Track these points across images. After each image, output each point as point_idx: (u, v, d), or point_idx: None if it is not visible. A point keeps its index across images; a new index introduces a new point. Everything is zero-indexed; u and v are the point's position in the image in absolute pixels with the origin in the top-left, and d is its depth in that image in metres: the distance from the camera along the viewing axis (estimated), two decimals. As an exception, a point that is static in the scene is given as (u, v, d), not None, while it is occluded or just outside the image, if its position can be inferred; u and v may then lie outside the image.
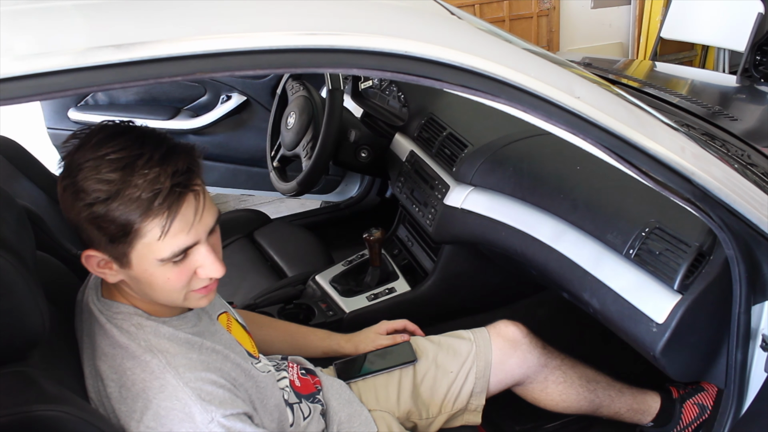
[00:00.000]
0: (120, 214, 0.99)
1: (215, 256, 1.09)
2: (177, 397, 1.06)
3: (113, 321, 1.12)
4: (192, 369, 1.09)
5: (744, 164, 1.59)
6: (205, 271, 1.09)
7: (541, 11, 4.61)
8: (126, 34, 0.81)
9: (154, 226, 1.00)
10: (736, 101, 2.68)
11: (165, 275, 1.06)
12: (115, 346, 1.10)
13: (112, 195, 0.98)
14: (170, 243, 1.02)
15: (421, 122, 2.21)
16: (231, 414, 1.09)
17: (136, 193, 0.98)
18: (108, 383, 1.09)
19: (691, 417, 1.80)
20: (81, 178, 0.99)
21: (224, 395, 1.10)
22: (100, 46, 0.79)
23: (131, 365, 1.08)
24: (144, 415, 1.06)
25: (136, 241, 1.02)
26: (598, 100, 1.11)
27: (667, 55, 4.71)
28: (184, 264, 1.07)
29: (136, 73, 0.82)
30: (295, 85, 2.39)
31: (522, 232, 1.69)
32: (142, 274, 1.06)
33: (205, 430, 1.06)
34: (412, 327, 1.74)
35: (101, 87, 0.82)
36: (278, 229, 2.62)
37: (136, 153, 0.99)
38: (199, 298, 1.14)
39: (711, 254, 1.37)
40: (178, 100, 3.06)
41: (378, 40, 0.94)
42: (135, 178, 0.98)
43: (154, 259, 1.03)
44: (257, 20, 0.91)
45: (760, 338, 1.37)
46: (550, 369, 1.72)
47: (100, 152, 0.99)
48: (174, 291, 1.09)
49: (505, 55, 1.05)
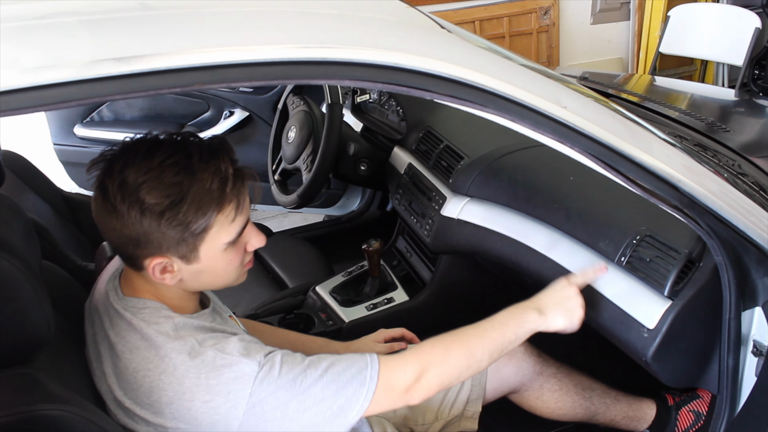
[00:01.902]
0: (195, 210, 1.07)
1: (258, 230, 1.20)
2: (221, 365, 1.09)
3: (140, 316, 1.15)
4: (222, 341, 1.13)
5: (734, 174, 1.62)
6: (253, 243, 1.20)
7: (541, 27, 4.64)
8: (127, 47, 0.85)
9: (228, 213, 1.10)
10: (734, 115, 2.70)
11: (228, 257, 1.16)
12: (146, 337, 1.13)
13: (184, 195, 1.05)
14: (236, 225, 1.13)
15: (419, 135, 2.24)
16: (269, 352, 1.14)
17: (206, 185, 1.06)
18: (145, 374, 1.11)
19: (686, 424, 1.81)
20: (145, 192, 1.05)
21: (253, 345, 1.15)
22: (102, 59, 0.83)
23: (166, 352, 1.11)
24: (195, 394, 1.09)
25: (207, 233, 1.10)
26: (584, 110, 1.14)
27: (666, 70, 4.74)
28: (239, 243, 1.17)
29: (136, 85, 0.86)
30: (295, 100, 2.43)
31: (517, 241, 1.72)
32: (209, 263, 1.14)
33: (258, 376, 1.09)
34: (409, 335, 1.76)
35: (103, 98, 0.86)
36: (280, 242, 2.65)
37: (185, 154, 1.06)
38: (245, 272, 1.25)
39: (700, 261, 1.40)
40: (182, 116, 3.09)
41: (369, 53, 0.98)
42: (199, 174, 1.06)
43: (222, 243, 1.12)
44: (253, 34, 0.95)
45: (751, 344, 1.39)
46: (546, 377, 1.74)
47: (154, 162, 1.05)
48: (234, 270, 1.20)
49: (493, 66, 1.09)
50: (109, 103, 2.99)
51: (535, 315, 1.38)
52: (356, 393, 1.15)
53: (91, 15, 0.88)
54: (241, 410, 1.08)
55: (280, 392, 1.10)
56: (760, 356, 1.36)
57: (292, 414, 1.11)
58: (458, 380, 1.30)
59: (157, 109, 3.07)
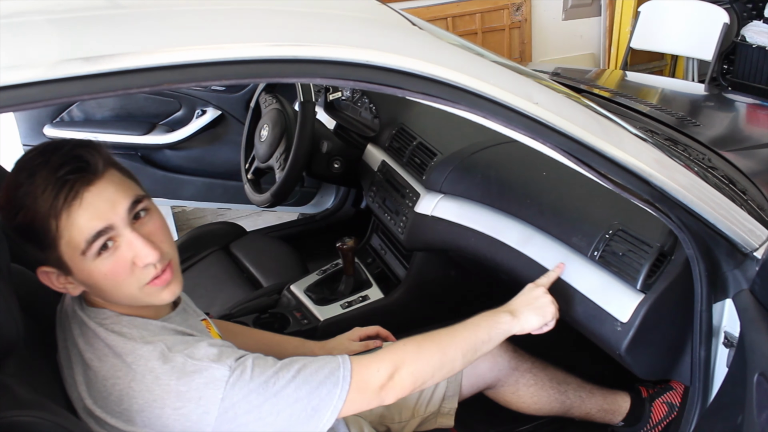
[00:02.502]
0: (33, 216, 1.04)
1: (145, 241, 1.10)
2: (192, 370, 1.08)
3: (104, 325, 1.13)
4: (192, 346, 1.11)
5: (705, 167, 1.64)
6: (140, 258, 1.09)
7: (513, 23, 4.65)
8: (95, 47, 0.84)
9: (62, 217, 1.04)
10: (704, 109, 2.73)
11: (100, 270, 1.08)
12: (112, 345, 1.11)
13: (25, 201, 1.04)
14: (78, 231, 1.05)
15: (392, 132, 2.24)
16: (240, 356, 1.12)
17: (39, 191, 1.03)
18: (114, 382, 1.09)
19: (660, 415, 1.83)
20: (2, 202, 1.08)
21: (225, 349, 1.13)
22: (70, 59, 0.82)
23: (134, 359, 1.09)
24: (166, 401, 1.07)
25: (59, 242, 1.06)
26: (556, 106, 1.15)
27: (637, 65, 4.78)
28: (116, 255, 1.09)
29: (105, 85, 0.85)
30: (268, 98, 2.42)
31: (491, 237, 1.73)
32: (82, 275, 1.09)
33: (229, 381, 1.08)
34: (384, 333, 1.75)
35: (71, 98, 0.85)
36: (254, 241, 2.63)
37: (38, 160, 1.05)
38: (159, 291, 1.15)
39: (672, 254, 1.41)
40: (153, 115, 3.06)
41: (340, 51, 0.97)
42: (36, 179, 1.03)
43: (77, 254, 1.06)
44: (224, 32, 0.94)
45: (722, 335, 1.40)
46: (521, 372, 1.75)
47: (12, 171, 1.07)
48: (122, 287, 1.11)
49: (465, 63, 1.09)
50: (79, 103, 2.94)
51: (507, 317, 1.41)
52: (330, 393, 1.14)
53: (59, 14, 0.87)
54: (213, 416, 1.07)
55: (252, 396, 1.09)
56: (731, 347, 1.38)
57: (266, 417, 1.10)
58: (432, 380, 1.30)
59: (128, 109, 3.04)
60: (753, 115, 2.69)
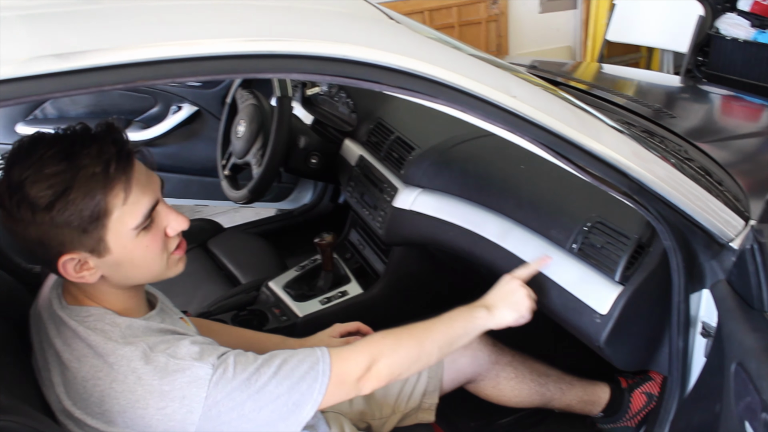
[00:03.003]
0: (83, 197, 1.02)
1: (175, 211, 1.16)
2: (174, 369, 1.07)
3: (85, 324, 1.11)
4: (173, 345, 1.10)
5: (681, 159, 1.65)
6: (173, 227, 1.15)
7: (490, 17, 4.67)
8: (68, 43, 0.83)
9: (118, 194, 1.05)
10: (680, 101, 2.75)
11: (143, 244, 1.11)
12: (92, 345, 1.09)
13: (68, 183, 1.01)
14: (137, 207, 1.08)
15: (370, 127, 2.23)
16: (222, 353, 1.12)
17: (90, 170, 1.02)
18: (95, 383, 1.08)
19: (639, 405, 1.85)
20: (29, 187, 1.01)
21: (206, 347, 1.12)
22: (42, 56, 0.80)
23: (115, 359, 1.08)
24: (149, 401, 1.06)
25: (108, 220, 1.05)
26: (534, 99, 1.15)
27: (613, 57, 4.81)
28: (154, 227, 1.12)
29: (77, 82, 0.83)
30: (244, 94, 2.40)
31: (469, 231, 1.72)
32: (122, 253, 1.09)
33: (212, 379, 1.07)
34: (365, 329, 1.75)
35: (43, 96, 0.84)
36: (232, 237, 2.62)
37: (67, 142, 1.03)
38: (177, 261, 1.20)
39: (650, 246, 1.42)
40: (128, 111, 3.03)
41: (317, 45, 0.97)
42: (81, 159, 1.02)
43: (129, 229, 1.08)
44: (198, 28, 0.93)
45: (699, 325, 1.42)
46: (501, 365, 1.75)
47: (35, 156, 1.02)
48: (156, 258, 1.15)
49: (442, 57, 1.09)
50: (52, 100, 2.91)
51: (483, 312, 1.43)
52: (310, 387, 1.15)
53: (31, 10, 0.86)
54: (197, 415, 1.07)
55: (235, 393, 1.09)
56: (708, 337, 1.39)
57: (248, 414, 1.10)
58: (408, 372, 1.32)
59: (102, 105, 3.01)
60: (728, 107, 2.72)
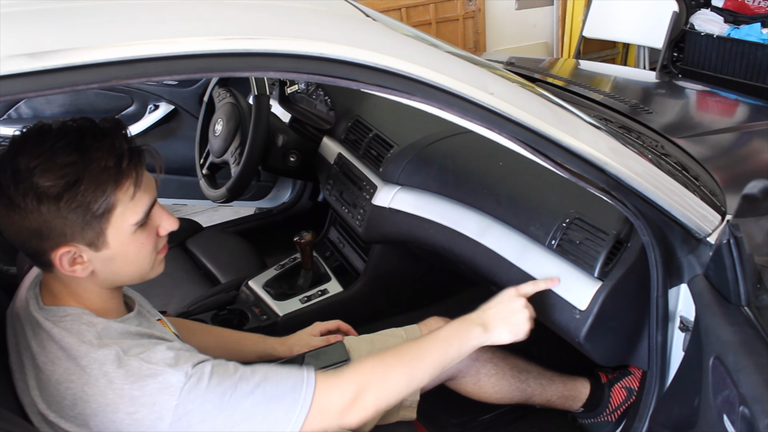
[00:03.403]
0: (94, 189, 1.02)
1: (169, 212, 1.17)
2: (147, 374, 1.05)
3: (60, 325, 1.10)
4: (147, 350, 1.09)
5: (658, 154, 1.66)
6: (165, 226, 1.16)
7: (467, 13, 4.68)
8: (41, 42, 0.82)
9: (127, 190, 1.06)
10: (656, 96, 2.76)
11: (139, 240, 1.12)
12: (65, 347, 1.08)
13: (80, 175, 1.01)
14: (140, 204, 1.09)
15: (348, 125, 2.23)
16: (200, 361, 1.10)
17: (102, 163, 1.02)
18: (68, 386, 1.06)
19: (619, 400, 1.86)
20: (39, 176, 1.00)
21: (183, 354, 1.10)
22: (14, 55, 0.79)
23: (88, 362, 1.06)
24: (119, 405, 1.04)
25: (111, 214, 1.05)
26: (511, 96, 1.15)
27: (590, 54, 4.84)
28: (148, 225, 1.13)
29: (51, 82, 0.82)
30: (221, 92, 2.39)
31: (449, 228, 1.73)
32: (118, 249, 1.10)
33: (184, 388, 1.06)
34: (345, 327, 1.75)
35: (16, 96, 0.82)
36: (210, 237, 2.61)
37: (78, 134, 1.03)
38: (161, 261, 1.21)
39: (628, 241, 1.43)
40: (104, 111, 3.00)
41: (292, 43, 0.96)
42: (93, 152, 1.02)
43: (129, 225, 1.08)
44: (173, 26, 0.92)
45: (678, 320, 1.42)
46: (482, 362, 1.75)
47: (45, 146, 1.01)
48: (147, 256, 1.15)
49: (419, 54, 1.08)
50: (27, 100, 2.88)
51: (479, 331, 1.36)
52: (288, 412, 1.11)
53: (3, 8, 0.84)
54: (166, 422, 1.05)
55: (207, 405, 1.06)
56: (686, 332, 1.40)
57: (220, 428, 1.07)
58: (396, 401, 1.27)
59: (78, 105, 2.98)
60: (703, 102, 2.73)
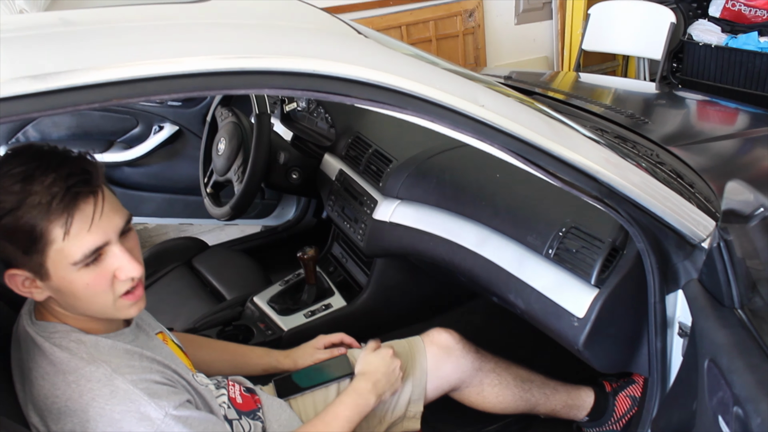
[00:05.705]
0: (26, 221, 1.03)
1: (130, 256, 1.12)
2: (130, 399, 1.08)
3: (51, 340, 1.13)
4: (137, 372, 1.12)
5: (653, 163, 1.68)
6: (123, 272, 1.12)
7: (467, 29, 4.69)
8: (43, 64, 0.84)
9: (57, 228, 1.04)
10: (655, 107, 2.78)
11: (83, 280, 1.09)
12: (56, 362, 1.11)
13: (17, 205, 1.02)
14: (78, 244, 1.06)
15: (348, 141, 2.26)
16: (180, 404, 1.12)
17: (37, 199, 1.02)
18: (53, 401, 1.09)
19: (624, 409, 1.86)
20: None
21: (170, 390, 1.13)
22: (18, 77, 0.82)
23: (75, 378, 1.09)
24: (98, 424, 1.07)
25: (48, 248, 1.05)
26: (502, 108, 1.17)
27: (591, 66, 4.85)
28: (101, 267, 1.10)
29: (53, 102, 0.85)
30: (224, 112, 2.42)
31: (448, 240, 1.75)
32: (61, 283, 1.09)
33: (162, 425, 1.09)
34: (348, 340, 1.77)
35: (20, 117, 0.85)
36: (216, 254, 2.63)
37: (33, 165, 1.04)
38: (129, 306, 1.17)
39: (624, 249, 1.45)
40: (110, 132, 3.03)
41: (287, 61, 0.99)
42: (34, 185, 1.02)
43: (68, 263, 1.06)
44: (171, 46, 0.94)
45: (676, 326, 1.43)
46: (485, 372, 1.76)
47: (3, 170, 1.03)
48: (99, 297, 1.12)
49: (410, 69, 1.11)
50: (34, 123, 2.91)
51: (374, 399, 1.54)
52: None
53: (7, 32, 0.87)
54: None
55: None
56: (685, 337, 1.41)
57: None
58: None
59: (84, 127, 3.01)
60: (702, 111, 2.75)
